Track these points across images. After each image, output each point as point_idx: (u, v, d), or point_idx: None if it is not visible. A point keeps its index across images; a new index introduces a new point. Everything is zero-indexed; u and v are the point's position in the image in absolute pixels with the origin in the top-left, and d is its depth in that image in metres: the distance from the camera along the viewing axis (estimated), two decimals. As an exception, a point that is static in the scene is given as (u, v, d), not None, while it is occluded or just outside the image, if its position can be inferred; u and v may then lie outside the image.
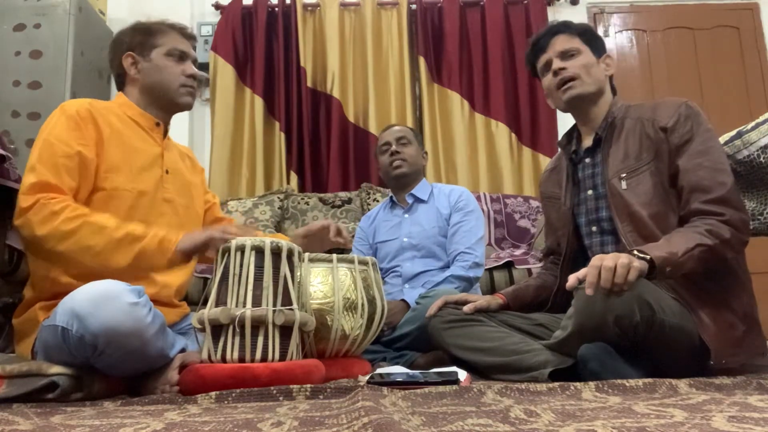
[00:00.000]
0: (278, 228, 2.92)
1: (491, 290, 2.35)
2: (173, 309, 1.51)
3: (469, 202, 2.19)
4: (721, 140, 1.49)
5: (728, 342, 1.25)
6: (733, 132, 1.49)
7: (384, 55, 3.55)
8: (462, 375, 1.23)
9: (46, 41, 2.89)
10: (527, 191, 3.36)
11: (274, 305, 1.21)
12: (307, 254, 1.43)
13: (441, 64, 3.55)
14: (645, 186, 1.38)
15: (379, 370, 1.34)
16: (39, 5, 2.91)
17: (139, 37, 1.52)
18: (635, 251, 1.19)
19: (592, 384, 1.02)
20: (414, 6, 3.60)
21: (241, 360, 1.16)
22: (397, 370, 1.36)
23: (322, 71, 3.54)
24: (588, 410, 0.81)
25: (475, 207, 2.19)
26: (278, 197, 3.02)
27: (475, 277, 2.05)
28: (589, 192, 1.52)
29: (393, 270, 2.17)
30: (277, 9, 3.56)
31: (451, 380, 1.16)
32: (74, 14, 2.93)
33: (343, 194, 3.12)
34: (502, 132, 3.46)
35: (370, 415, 0.72)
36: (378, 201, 2.93)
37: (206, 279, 2.28)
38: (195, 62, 1.58)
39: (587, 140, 1.54)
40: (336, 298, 1.40)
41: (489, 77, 3.54)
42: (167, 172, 1.51)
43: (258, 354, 1.17)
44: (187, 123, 3.47)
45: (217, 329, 1.19)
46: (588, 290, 1.13)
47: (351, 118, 3.46)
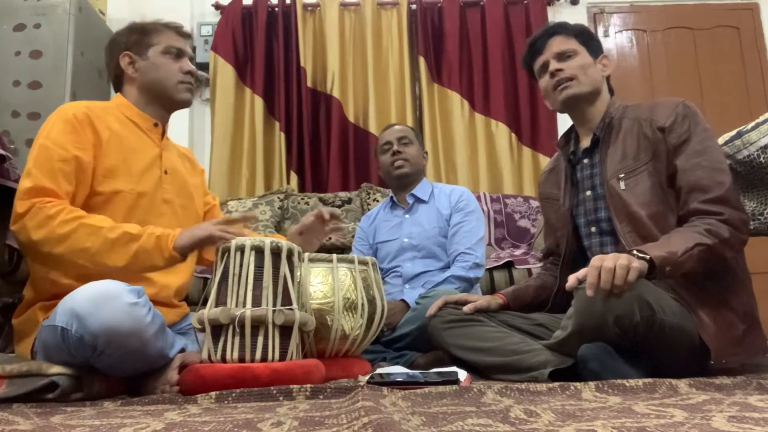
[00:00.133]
0: (278, 228, 2.91)
1: (491, 290, 2.35)
2: (173, 309, 1.51)
3: (470, 203, 2.19)
4: (721, 140, 1.49)
5: (728, 341, 1.25)
6: (733, 132, 1.49)
7: (384, 55, 3.55)
8: (462, 375, 1.23)
9: (46, 41, 2.89)
10: (527, 191, 3.36)
11: (274, 305, 1.21)
12: (307, 254, 1.44)
13: (441, 64, 3.55)
14: (643, 186, 1.38)
15: (379, 370, 1.34)
16: (39, 5, 2.91)
17: (136, 37, 1.52)
18: (635, 251, 1.19)
19: (592, 384, 1.02)
20: (414, 6, 3.60)
21: (241, 360, 1.16)
22: (397, 370, 1.36)
23: (322, 71, 3.54)
24: (588, 410, 0.81)
25: (476, 207, 2.19)
26: (278, 197, 3.02)
27: (476, 278, 2.05)
28: (588, 193, 1.52)
29: (393, 270, 2.17)
30: (277, 9, 3.56)
31: (451, 380, 1.16)
32: (74, 14, 2.93)
33: (343, 194, 3.12)
34: (502, 132, 3.47)
35: (370, 415, 0.72)
36: (378, 201, 2.93)
37: (206, 279, 2.27)
38: (192, 60, 1.59)
39: (585, 141, 1.54)
40: (336, 298, 1.40)
41: (489, 77, 3.54)
42: (166, 173, 1.51)
43: (258, 354, 1.17)
44: (187, 123, 3.47)
45: (217, 329, 1.19)
46: (588, 291, 1.13)
47: (351, 118, 3.47)
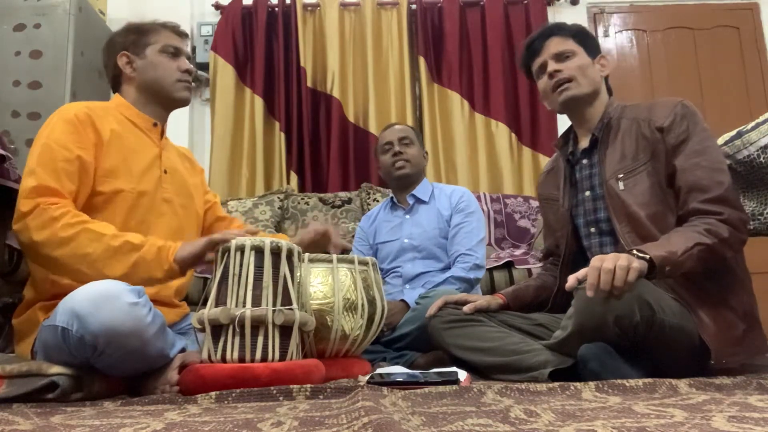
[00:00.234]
0: (278, 228, 2.91)
1: (491, 290, 2.35)
2: (173, 309, 1.51)
3: (470, 203, 2.19)
4: (721, 140, 1.49)
5: (728, 341, 1.25)
6: (733, 132, 1.49)
7: (384, 55, 3.54)
8: (462, 375, 1.23)
9: (46, 41, 2.88)
10: (527, 191, 3.36)
11: (274, 305, 1.21)
12: (307, 254, 1.44)
13: (441, 64, 3.55)
14: (642, 186, 1.38)
15: (379, 370, 1.34)
16: (39, 5, 2.91)
17: (133, 37, 1.53)
18: (634, 251, 1.19)
19: (592, 384, 1.02)
20: (414, 6, 3.60)
21: (241, 360, 1.16)
22: (397, 370, 1.36)
23: (322, 71, 3.54)
24: (588, 410, 0.81)
25: (476, 208, 2.19)
26: (278, 197, 3.01)
27: (476, 279, 2.05)
28: (587, 193, 1.52)
29: (393, 271, 2.17)
30: (277, 9, 3.56)
31: (451, 380, 1.16)
32: (74, 14, 2.93)
33: (343, 194, 3.12)
34: (502, 132, 3.46)
35: (370, 415, 0.72)
36: (378, 201, 2.93)
37: (206, 279, 2.27)
38: (189, 59, 1.59)
39: (584, 141, 1.54)
40: (336, 299, 1.40)
41: (489, 77, 3.54)
42: (165, 172, 1.51)
43: (258, 354, 1.17)
44: (187, 123, 3.47)
45: (217, 329, 1.19)
46: (588, 292, 1.13)
47: (351, 118, 3.46)
